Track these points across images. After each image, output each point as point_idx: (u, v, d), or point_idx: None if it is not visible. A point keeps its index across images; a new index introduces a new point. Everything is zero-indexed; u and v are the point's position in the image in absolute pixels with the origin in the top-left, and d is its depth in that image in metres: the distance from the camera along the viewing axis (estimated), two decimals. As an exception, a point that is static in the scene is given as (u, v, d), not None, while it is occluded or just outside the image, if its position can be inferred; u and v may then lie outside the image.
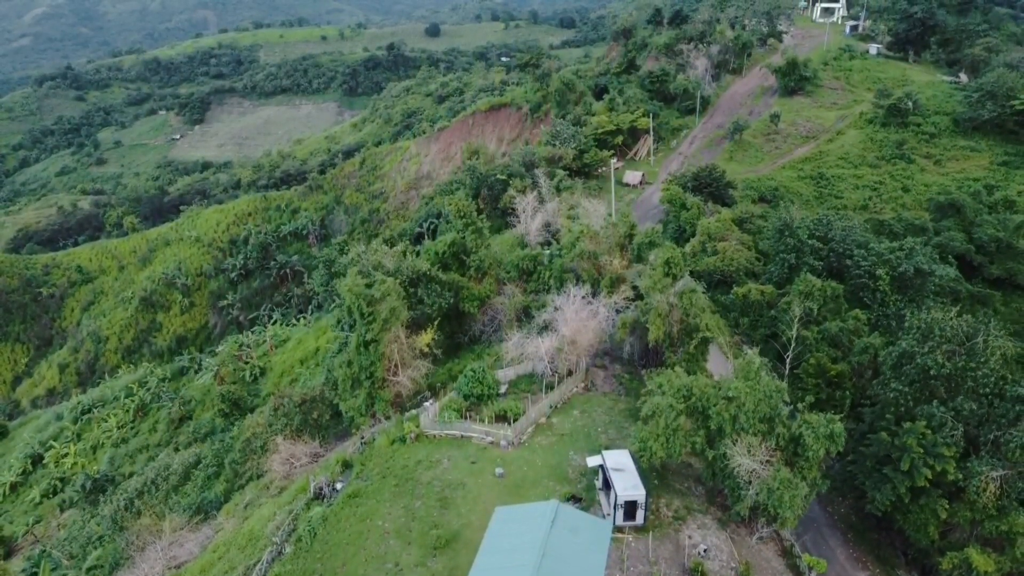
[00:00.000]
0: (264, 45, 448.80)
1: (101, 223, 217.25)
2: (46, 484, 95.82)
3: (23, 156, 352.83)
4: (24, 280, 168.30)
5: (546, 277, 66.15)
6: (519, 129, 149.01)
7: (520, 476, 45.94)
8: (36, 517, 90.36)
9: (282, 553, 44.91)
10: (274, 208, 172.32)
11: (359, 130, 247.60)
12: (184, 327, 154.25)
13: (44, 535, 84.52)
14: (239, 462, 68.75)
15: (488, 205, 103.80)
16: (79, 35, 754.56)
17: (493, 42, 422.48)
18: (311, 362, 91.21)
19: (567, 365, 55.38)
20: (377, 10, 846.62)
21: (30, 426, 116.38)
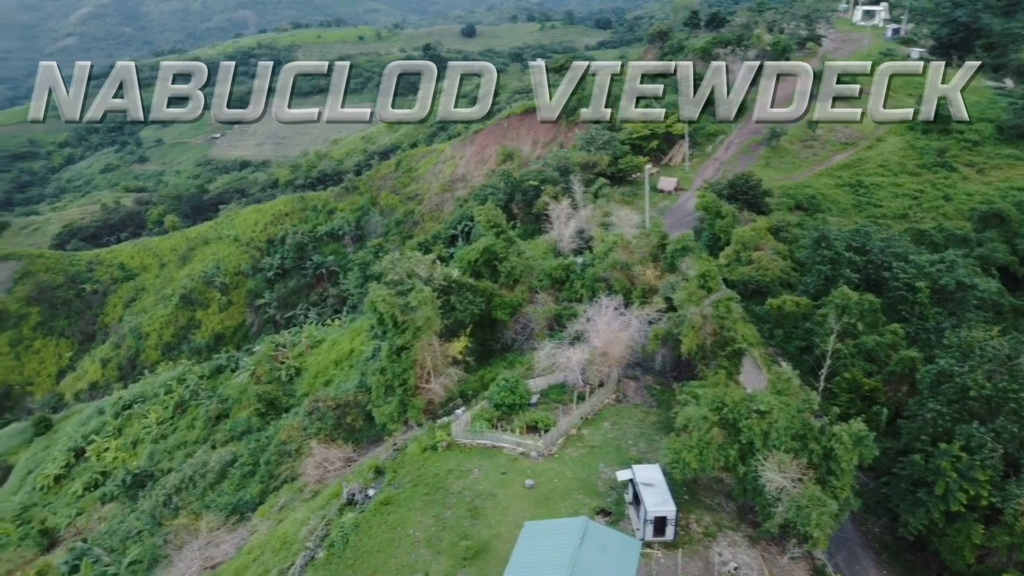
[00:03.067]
0: (302, 46, 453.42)
1: (143, 221, 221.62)
2: (88, 477, 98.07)
3: (69, 153, 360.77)
4: (69, 276, 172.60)
5: (578, 287, 66.28)
6: (553, 133, 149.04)
7: (550, 488, 46.18)
8: (78, 510, 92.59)
9: (315, 558, 45.72)
10: (311, 208, 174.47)
11: (395, 131, 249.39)
12: (222, 325, 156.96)
13: (85, 528, 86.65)
14: (274, 463, 70.04)
15: (522, 211, 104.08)
16: (123, 34, 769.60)
17: (528, 43, 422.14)
18: (345, 364, 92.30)
19: (598, 376, 55.51)
20: (414, 10, 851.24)
21: (73, 419, 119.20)
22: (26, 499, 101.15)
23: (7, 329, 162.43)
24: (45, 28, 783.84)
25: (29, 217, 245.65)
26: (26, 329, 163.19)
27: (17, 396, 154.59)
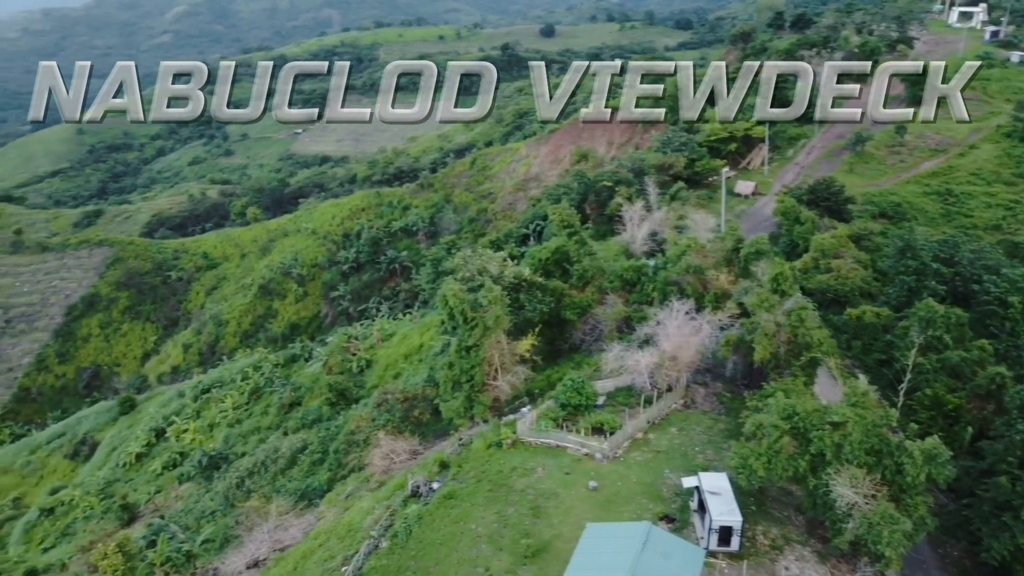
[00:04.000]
0: (384, 44, 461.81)
1: (227, 212, 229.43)
2: (167, 457, 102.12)
3: (160, 146, 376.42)
4: (156, 264, 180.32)
5: (649, 289, 65.52)
6: (629, 134, 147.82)
7: (614, 491, 45.81)
8: (157, 487, 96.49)
9: (378, 547, 46.50)
10: (386, 204, 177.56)
11: (471, 130, 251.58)
12: (298, 315, 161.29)
13: (163, 505, 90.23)
14: (342, 452, 71.59)
15: (595, 211, 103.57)
16: (214, 32, 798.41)
17: (607, 43, 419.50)
18: (415, 358, 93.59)
19: (667, 381, 54.77)
20: (493, 10, 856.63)
21: (155, 401, 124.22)
22: (109, 475, 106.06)
23: (98, 312, 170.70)
24: (143, 26, 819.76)
25: (122, 206, 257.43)
26: (115, 313, 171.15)
27: (105, 376, 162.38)
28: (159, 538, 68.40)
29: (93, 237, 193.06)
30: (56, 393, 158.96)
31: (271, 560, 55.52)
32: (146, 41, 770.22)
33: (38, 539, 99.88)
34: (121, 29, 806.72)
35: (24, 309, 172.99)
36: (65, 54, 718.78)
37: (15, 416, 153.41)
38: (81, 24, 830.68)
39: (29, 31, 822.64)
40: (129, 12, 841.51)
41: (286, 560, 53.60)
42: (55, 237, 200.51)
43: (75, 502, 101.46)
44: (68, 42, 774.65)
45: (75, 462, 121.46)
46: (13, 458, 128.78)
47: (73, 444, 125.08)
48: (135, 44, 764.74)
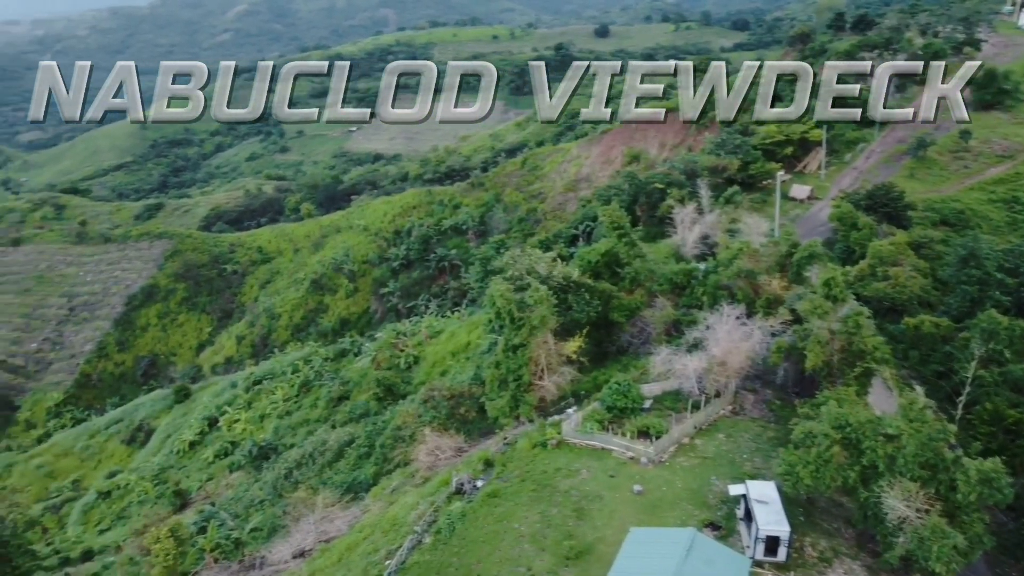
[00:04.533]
0: (438, 44, 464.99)
1: (281, 207, 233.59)
2: (219, 446, 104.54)
3: (219, 142, 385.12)
4: (213, 256, 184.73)
5: (699, 293, 64.76)
6: (683, 135, 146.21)
7: (658, 495, 45.41)
8: (208, 475, 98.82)
9: (421, 542, 46.88)
10: (437, 203, 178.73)
11: (523, 129, 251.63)
12: (348, 311, 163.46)
13: (214, 492, 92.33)
14: (389, 447, 72.33)
15: (645, 213, 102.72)
16: (273, 31, 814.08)
17: (662, 44, 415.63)
18: (462, 356, 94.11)
19: (715, 386, 54.07)
20: (547, 10, 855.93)
21: (209, 391, 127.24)
22: (164, 461, 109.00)
23: (157, 303, 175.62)
24: (205, 24, 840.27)
25: (181, 200, 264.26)
26: (173, 303, 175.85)
27: (162, 365, 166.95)
28: (209, 525, 69.99)
29: (153, 229, 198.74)
30: (115, 380, 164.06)
31: (316, 551, 56.41)
32: (208, 39, 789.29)
33: (95, 521, 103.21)
34: (184, 27, 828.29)
35: (87, 298, 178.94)
36: (131, 51, 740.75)
37: (76, 401, 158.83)
38: (146, 22, 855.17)
39: (97, 29, 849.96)
40: (192, 11, 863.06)
41: (331, 551, 54.39)
42: (117, 229, 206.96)
43: (130, 486, 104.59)
44: (134, 40, 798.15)
45: (131, 447, 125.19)
46: (74, 441, 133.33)
47: (130, 430, 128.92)
48: (197, 42, 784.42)
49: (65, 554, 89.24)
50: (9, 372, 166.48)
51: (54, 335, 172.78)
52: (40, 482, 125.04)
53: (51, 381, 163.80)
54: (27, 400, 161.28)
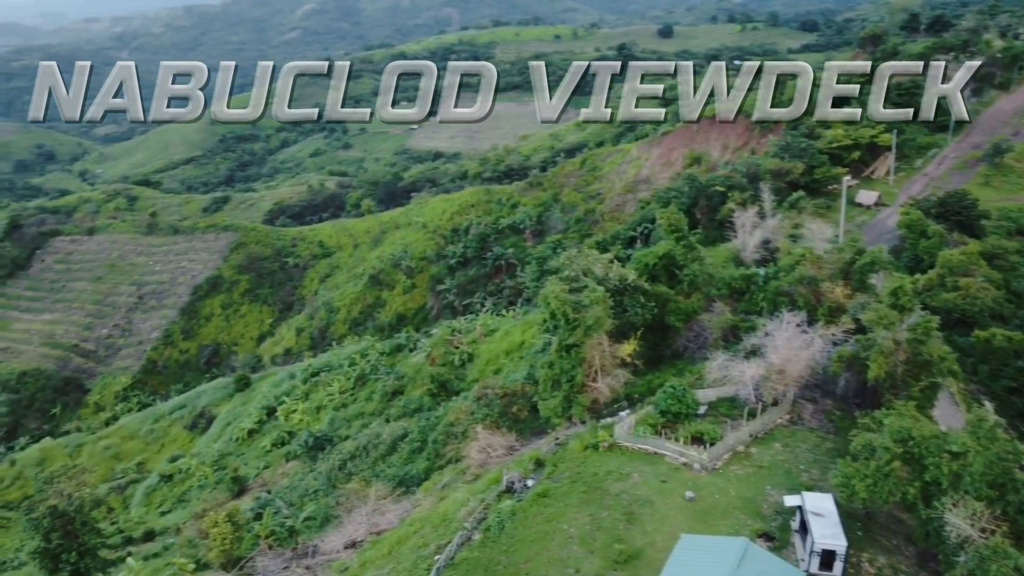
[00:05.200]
0: (500, 43, 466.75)
1: (343, 203, 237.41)
2: (276, 435, 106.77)
3: (284, 138, 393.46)
4: (275, 250, 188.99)
5: (759, 299, 63.55)
6: (746, 138, 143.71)
7: (711, 503, 44.77)
8: (265, 463, 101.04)
9: (471, 539, 47.16)
10: (495, 201, 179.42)
11: (583, 130, 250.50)
12: (404, 306, 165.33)
13: (270, 480, 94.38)
14: (441, 443, 72.93)
15: (705, 216, 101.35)
16: (339, 29, 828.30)
17: (727, 44, 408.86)
18: (516, 354, 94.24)
19: (773, 394, 53.00)
20: (611, 9, 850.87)
21: (268, 381, 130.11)
22: (223, 448, 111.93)
23: (221, 293, 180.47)
24: (274, 22, 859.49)
25: (247, 193, 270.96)
26: (236, 295, 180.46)
27: (224, 354, 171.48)
28: (265, 512, 71.57)
29: (220, 222, 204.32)
30: (179, 367, 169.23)
31: (368, 542, 57.23)
32: (276, 37, 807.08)
33: (157, 502, 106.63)
34: (254, 25, 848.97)
35: (155, 287, 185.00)
36: (203, 48, 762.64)
37: (143, 386, 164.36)
38: (218, 20, 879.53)
39: (172, 27, 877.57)
40: (262, 9, 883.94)
41: (382, 544, 55.12)
42: (186, 221, 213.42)
43: (191, 471, 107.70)
44: (206, 37, 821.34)
45: (193, 433, 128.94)
46: (139, 425, 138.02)
47: (192, 416, 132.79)
48: (266, 40, 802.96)
49: (128, 533, 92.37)
50: (81, 356, 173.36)
51: (123, 322, 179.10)
52: (107, 463, 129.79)
53: (120, 366, 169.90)
54: (97, 384, 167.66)
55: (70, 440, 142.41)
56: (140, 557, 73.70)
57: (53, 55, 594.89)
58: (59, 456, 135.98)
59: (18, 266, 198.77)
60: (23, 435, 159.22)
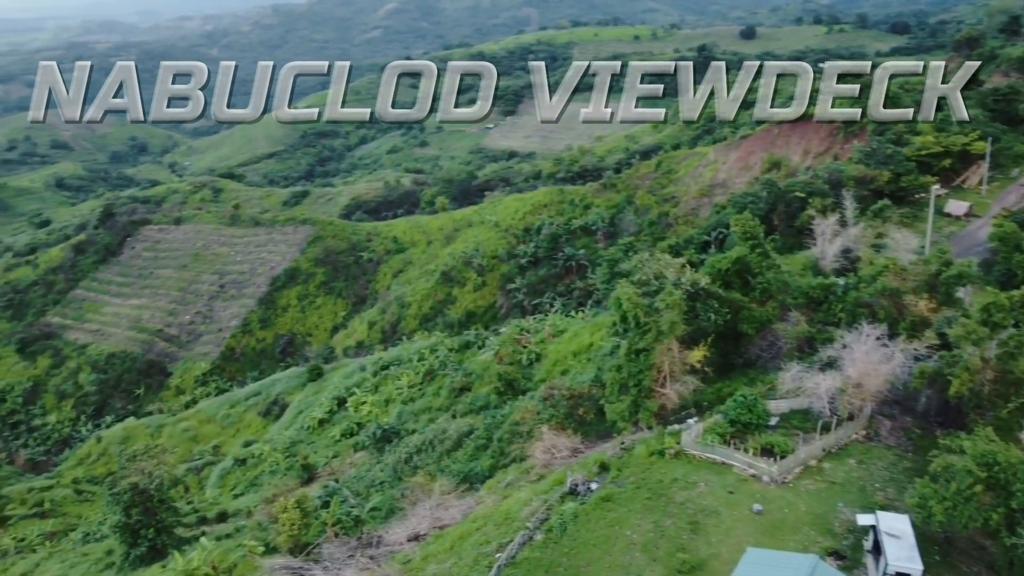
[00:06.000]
0: (579, 43, 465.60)
1: (417, 200, 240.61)
2: (345, 426, 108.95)
3: (363, 135, 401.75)
4: (351, 244, 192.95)
5: (837, 309, 61.60)
6: (828, 143, 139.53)
7: (779, 517, 43.67)
8: (334, 452, 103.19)
9: (532, 539, 47.18)
10: (568, 202, 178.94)
11: (659, 132, 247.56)
12: (474, 304, 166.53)
13: (338, 470, 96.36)
14: (506, 442, 73.16)
15: (783, 222, 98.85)
16: (419, 28, 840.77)
17: (812, 46, 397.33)
18: (583, 356, 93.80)
19: (848, 408, 51.35)
20: (692, 10, 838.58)
21: (340, 372, 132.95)
22: (294, 436, 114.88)
23: (297, 285, 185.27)
24: (357, 21, 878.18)
25: (325, 188, 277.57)
26: (312, 287, 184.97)
27: (299, 344, 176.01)
28: (332, 500, 73.06)
29: (298, 215, 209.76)
30: (256, 355, 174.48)
31: (430, 536, 57.86)
32: (359, 36, 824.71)
33: (230, 485, 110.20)
34: (338, 24, 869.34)
35: (236, 277, 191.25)
36: (288, 46, 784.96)
37: (221, 372, 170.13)
38: (304, 19, 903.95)
39: (259, 25, 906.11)
40: (346, 8, 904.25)
41: (444, 538, 55.64)
42: (266, 213, 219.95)
43: (263, 456, 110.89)
44: (291, 35, 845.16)
45: (267, 420, 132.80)
46: (216, 410, 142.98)
47: (266, 403, 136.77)
48: (349, 38, 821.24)
49: (203, 513, 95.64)
50: (165, 341, 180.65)
51: (205, 309, 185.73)
52: (185, 444, 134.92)
53: (200, 352, 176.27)
54: (178, 368, 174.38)
55: (152, 421, 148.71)
56: (213, 537, 76.25)
57: (148, 51, 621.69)
58: (141, 435, 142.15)
59: (110, 252, 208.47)
60: (109, 414, 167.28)
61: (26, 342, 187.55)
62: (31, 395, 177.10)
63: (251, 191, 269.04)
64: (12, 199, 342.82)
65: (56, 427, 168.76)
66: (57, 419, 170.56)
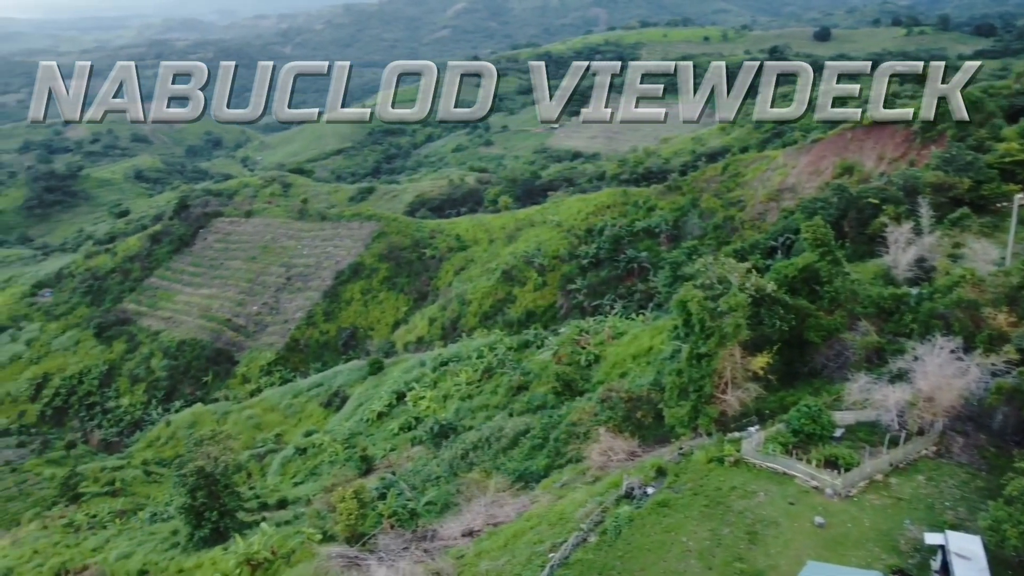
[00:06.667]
0: (647, 44, 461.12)
1: (481, 198, 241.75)
2: (404, 420, 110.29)
3: (429, 132, 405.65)
4: (414, 241, 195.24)
5: (909, 320, 59.58)
6: (904, 149, 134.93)
7: (842, 531, 42.47)
8: (392, 446, 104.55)
9: (586, 540, 46.97)
10: (632, 203, 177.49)
11: (727, 134, 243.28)
12: (534, 303, 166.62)
13: (395, 463, 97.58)
14: (562, 442, 72.97)
15: (853, 229, 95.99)
16: (487, 28, 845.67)
17: (889, 48, 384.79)
18: (643, 359, 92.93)
19: (918, 423, 49.59)
20: (765, 11, 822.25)
21: (400, 367, 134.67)
22: (354, 427, 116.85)
23: (361, 279, 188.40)
24: (426, 21, 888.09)
25: (391, 185, 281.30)
26: (375, 282, 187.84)
27: (361, 338, 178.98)
28: (389, 492, 74.06)
29: (364, 211, 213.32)
30: (319, 347, 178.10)
31: (484, 533, 58.11)
32: (428, 35, 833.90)
33: (291, 473, 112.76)
34: (408, 23, 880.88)
35: (302, 270, 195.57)
36: (359, 45, 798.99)
37: (285, 362, 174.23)
38: (375, 18, 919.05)
39: (332, 23, 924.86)
40: (416, 8, 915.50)
41: (498, 535, 55.81)
42: (333, 209, 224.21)
43: (324, 446, 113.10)
44: (362, 34, 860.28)
45: (328, 411, 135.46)
46: (280, 399, 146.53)
47: (327, 395, 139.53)
48: (418, 38, 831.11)
49: (264, 499, 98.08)
50: (233, 330, 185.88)
51: (272, 300, 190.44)
52: (249, 432, 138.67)
53: (266, 342, 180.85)
54: (245, 357, 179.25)
55: (218, 407, 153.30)
56: (273, 523, 78.08)
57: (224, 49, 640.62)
58: (208, 421, 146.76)
59: (184, 243, 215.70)
60: (178, 399, 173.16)
61: (103, 327, 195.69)
62: (106, 378, 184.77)
63: (319, 186, 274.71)
64: (94, 189, 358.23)
65: (128, 410, 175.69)
66: (129, 402, 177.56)
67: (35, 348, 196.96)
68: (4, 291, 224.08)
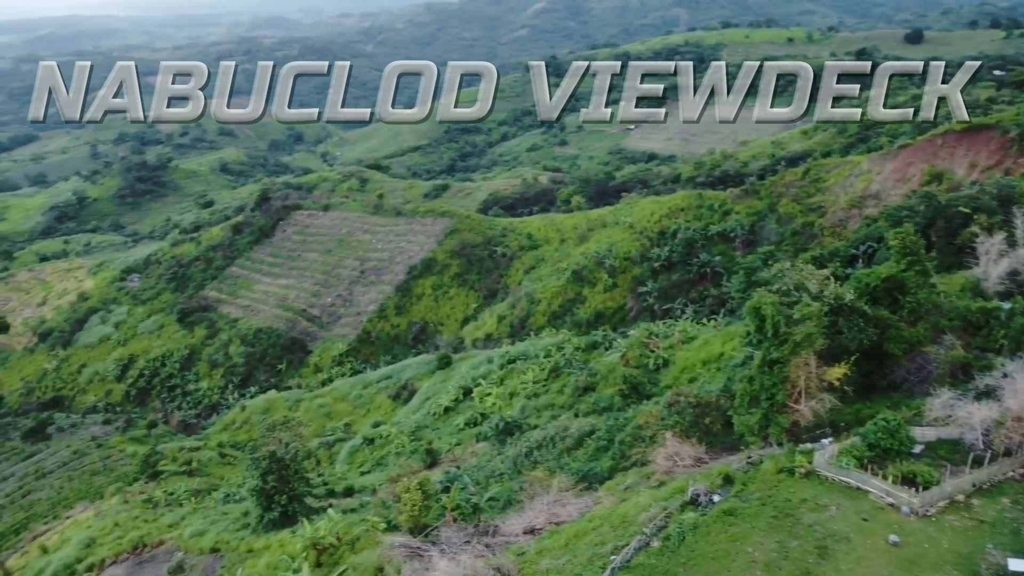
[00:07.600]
0: (728, 45, 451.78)
1: (554, 198, 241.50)
2: (469, 415, 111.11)
3: (504, 131, 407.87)
4: (486, 238, 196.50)
5: (999, 336, 56.85)
6: (1000, 156, 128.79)
7: (918, 552, 40.81)
8: (457, 440, 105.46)
9: (649, 545, 46.39)
10: (707, 207, 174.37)
11: (809, 138, 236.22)
12: (604, 305, 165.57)
13: (460, 457, 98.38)
14: (628, 445, 72.27)
15: (941, 239, 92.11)
16: (566, 28, 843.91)
17: (985, 52, 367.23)
18: (713, 365, 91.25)
19: (1006, 443, 47.23)
20: (854, 12, 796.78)
21: (467, 363, 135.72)
22: (420, 420, 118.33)
23: (432, 275, 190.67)
24: (505, 20, 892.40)
25: (465, 183, 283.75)
26: (446, 278, 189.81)
27: (431, 333, 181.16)
28: (453, 486, 74.58)
29: (438, 208, 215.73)
30: (389, 340, 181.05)
31: (546, 531, 58.01)
32: (506, 34, 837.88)
33: (359, 462, 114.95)
34: (487, 23, 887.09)
35: (376, 264, 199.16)
36: (438, 44, 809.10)
37: (356, 354, 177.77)
38: (455, 17, 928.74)
39: (413, 22, 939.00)
40: (496, 7, 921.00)
41: (560, 535, 55.63)
42: (408, 204, 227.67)
43: (390, 438, 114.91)
44: (442, 33, 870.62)
45: (396, 403, 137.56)
46: (350, 389, 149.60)
47: (396, 387, 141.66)
48: (496, 37, 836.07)
49: (331, 487, 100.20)
50: (308, 320, 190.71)
51: (346, 293, 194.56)
52: (319, 420, 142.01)
53: (338, 333, 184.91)
54: (318, 347, 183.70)
55: (291, 395, 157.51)
56: (339, 510, 79.62)
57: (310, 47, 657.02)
58: (281, 408, 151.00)
59: (264, 234, 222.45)
60: (254, 384, 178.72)
61: (186, 312, 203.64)
62: (187, 362, 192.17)
63: (395, 182, 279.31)
64: (182, 180, 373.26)
65: (207, 393, 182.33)
66: (208, 386, 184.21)
67: (123, 330, 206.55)
68: (97, 275, 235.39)
